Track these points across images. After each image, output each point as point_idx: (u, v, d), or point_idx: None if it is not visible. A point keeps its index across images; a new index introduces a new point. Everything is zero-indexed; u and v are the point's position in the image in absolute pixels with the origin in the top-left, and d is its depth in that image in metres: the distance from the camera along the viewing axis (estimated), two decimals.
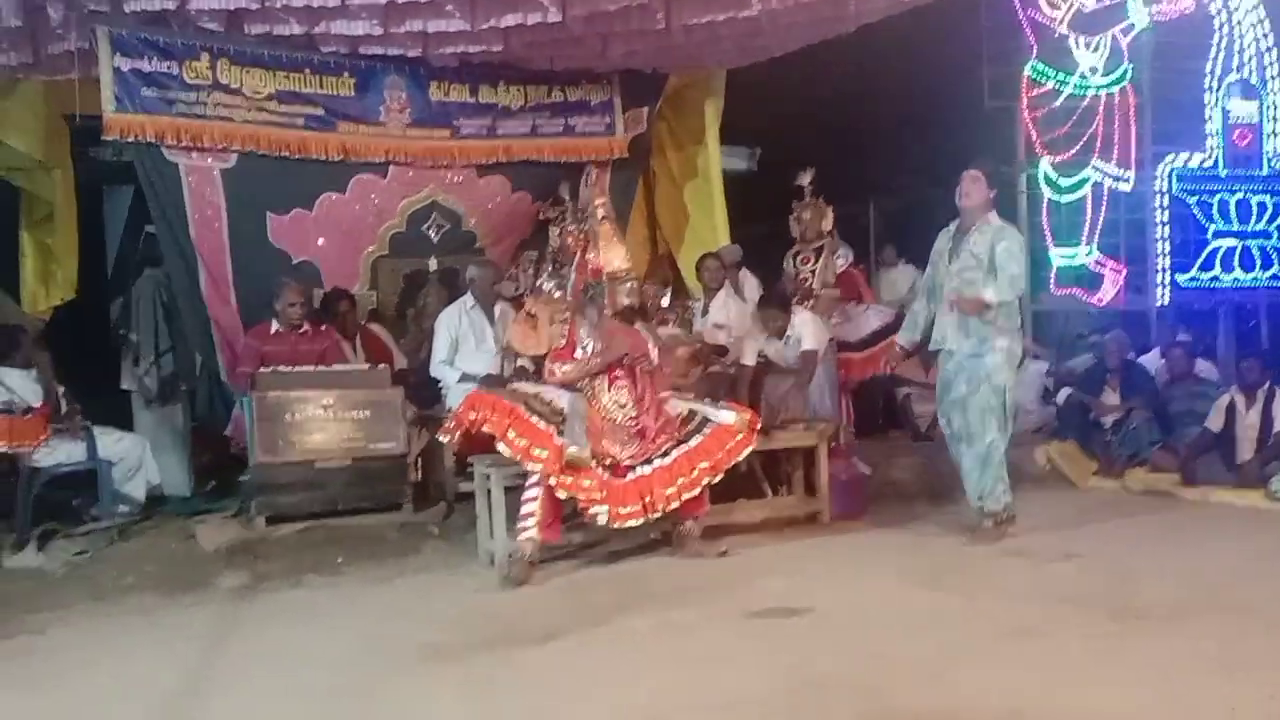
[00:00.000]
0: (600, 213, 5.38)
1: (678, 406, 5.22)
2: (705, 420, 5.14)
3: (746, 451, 5.15)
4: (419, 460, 6.14)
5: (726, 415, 5.16)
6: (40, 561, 5.15)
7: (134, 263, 7.22)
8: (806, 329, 6.44)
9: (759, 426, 5.26)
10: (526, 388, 5.14)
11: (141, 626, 4.38)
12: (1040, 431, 8.03)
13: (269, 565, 5.14)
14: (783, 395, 6.31)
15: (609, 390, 5.12)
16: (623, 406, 5.10)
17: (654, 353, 5.30)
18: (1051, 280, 9.62)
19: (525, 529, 4.84)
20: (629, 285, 5.23)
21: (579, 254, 5.48)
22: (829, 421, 6.16)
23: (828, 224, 7.34)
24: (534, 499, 4.86)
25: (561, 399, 5.01)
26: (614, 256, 5.25)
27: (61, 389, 5.89)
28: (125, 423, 6.48)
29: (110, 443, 5.86)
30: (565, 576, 4.87)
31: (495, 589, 4.77)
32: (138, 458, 5.92)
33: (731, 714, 3.09)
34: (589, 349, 5.16)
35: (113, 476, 5.79)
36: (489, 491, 5.15)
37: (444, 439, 5.22)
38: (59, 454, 5.65)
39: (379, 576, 5.05)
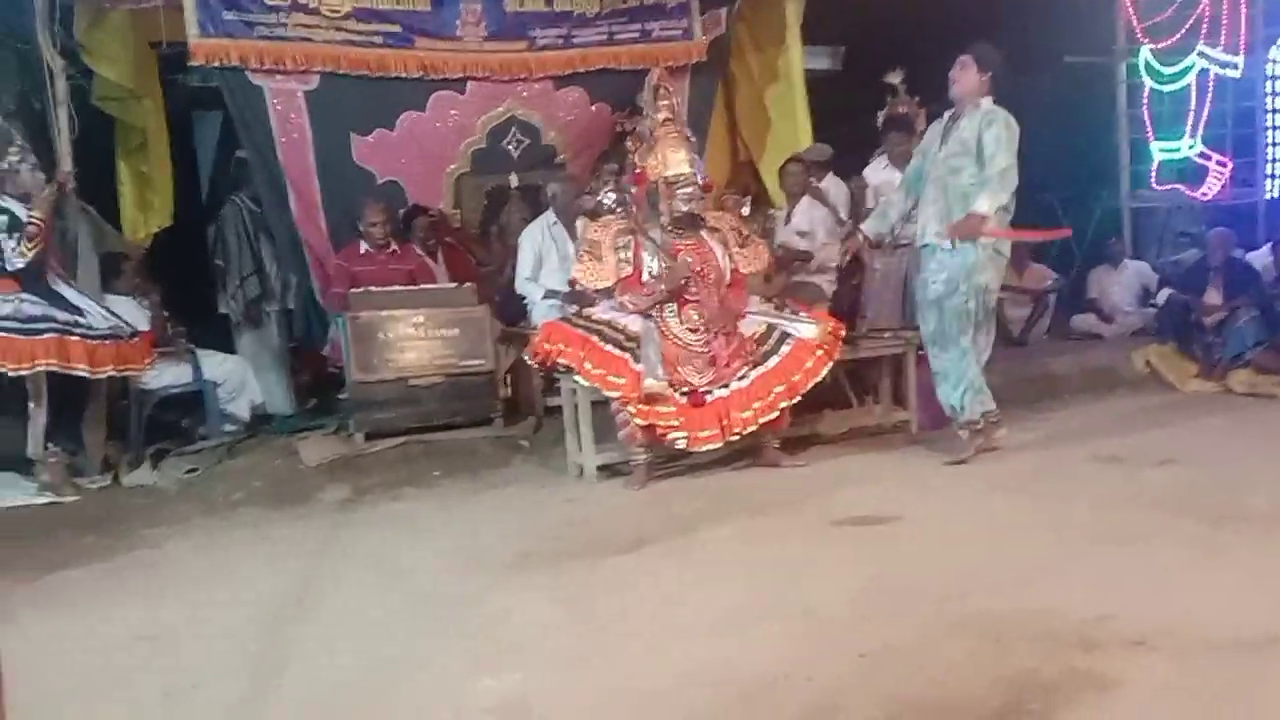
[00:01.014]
0: (661, 115, 5.25)
1: (754, 324, 5.17)
2: (784, 336, 5.09)
3: (825, 370, 5.10)
4: (508, 376, 6.26)
5: (807, 328, 5.10)
6: (154, 479, 5.43)
7: (226, 187, 7.40)
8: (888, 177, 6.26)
9: (841, 337, 5.21)
10: (600, 314, 5.16)
11: (252, 539, 4.60)
12: (1139, 334, 7.81)
13: (369, 479, 5.33)
14: (883, 302, 6.22)
15: (679, 316, 5.10)
16: (694, 332, 5.09)
17: (724, 262, 5.24)
18: (1153, 175, 9.21)
19: (631, 435, 4.94)
20: (688, 190, 5.10)
21: (637, 161, 5.41)
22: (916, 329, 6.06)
23: (921, 124, 7.10)
24: (623, 410, 4.94)
25: (635, 324, 5.03)
26: (673, 161, 5.12)
27: (166, 314, 6.13)
28: (227, 345, 6.72)
29: (214, 364, 6.10)
30: (650, 487, 4.95)
31: (584, 500, 4.89)
32: (240, 378, 6.16)
33: (816, 617, 3.13)
34: (654, 271, 5.11)
35: (218, 397, 6.04)
36: (576, 406, 5.24)
37: (530, 361, 5.31)
38: (166, 376, 5.90)
39: (472, 489, 5.22)
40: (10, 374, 5.15)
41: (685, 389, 4.97)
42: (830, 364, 5.14)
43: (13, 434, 5.50)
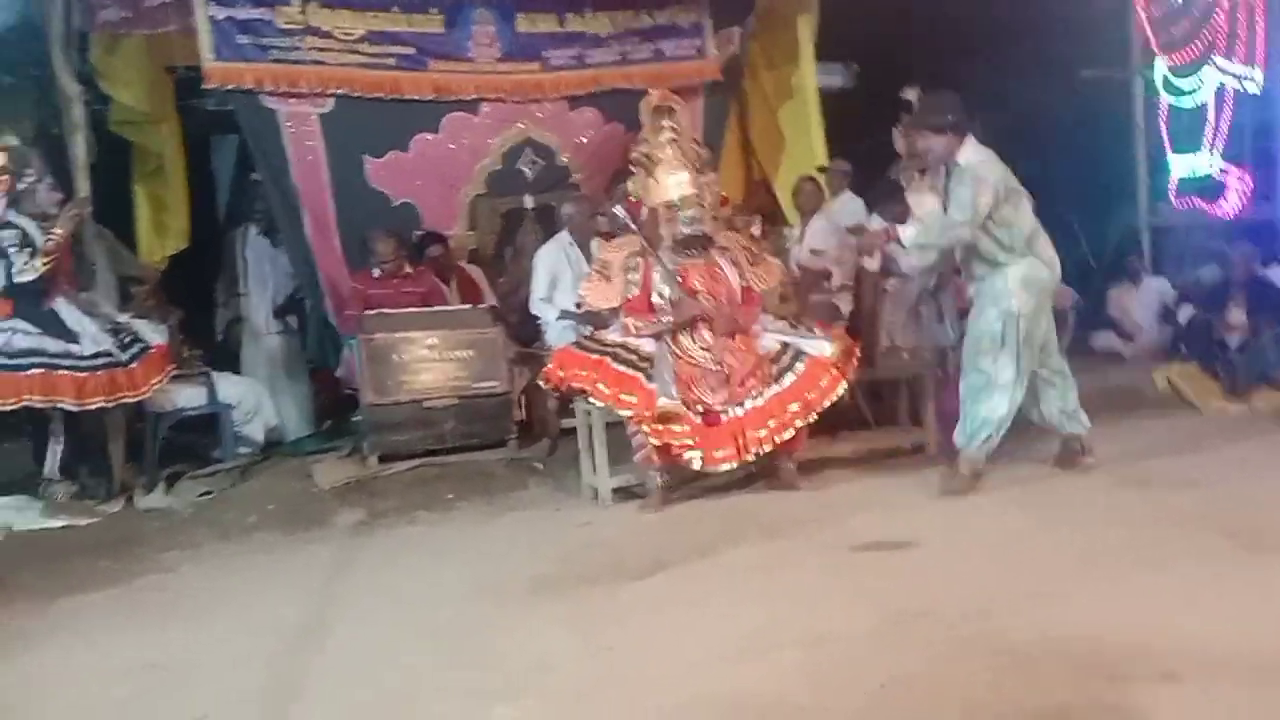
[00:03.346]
0: (664, 136, 5.21)
1: (768, 343, 5.12)
2: (799, 354, 5.04)
3: (841, 388, 5.02)
4: (522, 397, 6.23)
5: (822, 346, 5.05)
6: (168, 502, 5.42)
7: (242, 210, 7.43)
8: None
9: (857, 355, 5.15)
10: (612, 336, 5.13)
11: (265, 564, 4.58)
12: (1160, 353, 7.72)
13: (384, 502, 5.30)
14: (902, 322, 6.16)
15: (692, 336, 5.06)
16: (706, 351, 5.04)
17: (736, 281, 5.19)
18: (1171, 191, 9.13)
19: (646, 458, 4.88)
20: (690, 213, 5.06)
21: (629, 189, 5.36)
22: (937, 349, 6.00)
23: None
24: (638, 432, 4.90)
25: (648, 344, 4.99)
26: (673, 184, 5.09)
27: (182, 336, 6.13)
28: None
29: (229, 387, 6.09)
30: (666, 510, 4.89)
31: (600, 523, 4.84)
32: (255, 401, 6.15)
33: (835, 645, 3.08)
34: (665, 294, 5.08)
35: (232, 419, 6.03)
36: (590, 428, 5.20)
37: (544, 386, 5.28)
38: (181, 399, 5.90)
39: (488, 512, 5.18)
40: None
41: (700, 408, 4.92)
42: (846, 382, 5.07)
43: (25, 456, 5.52)
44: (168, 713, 2.98)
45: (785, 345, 5.09)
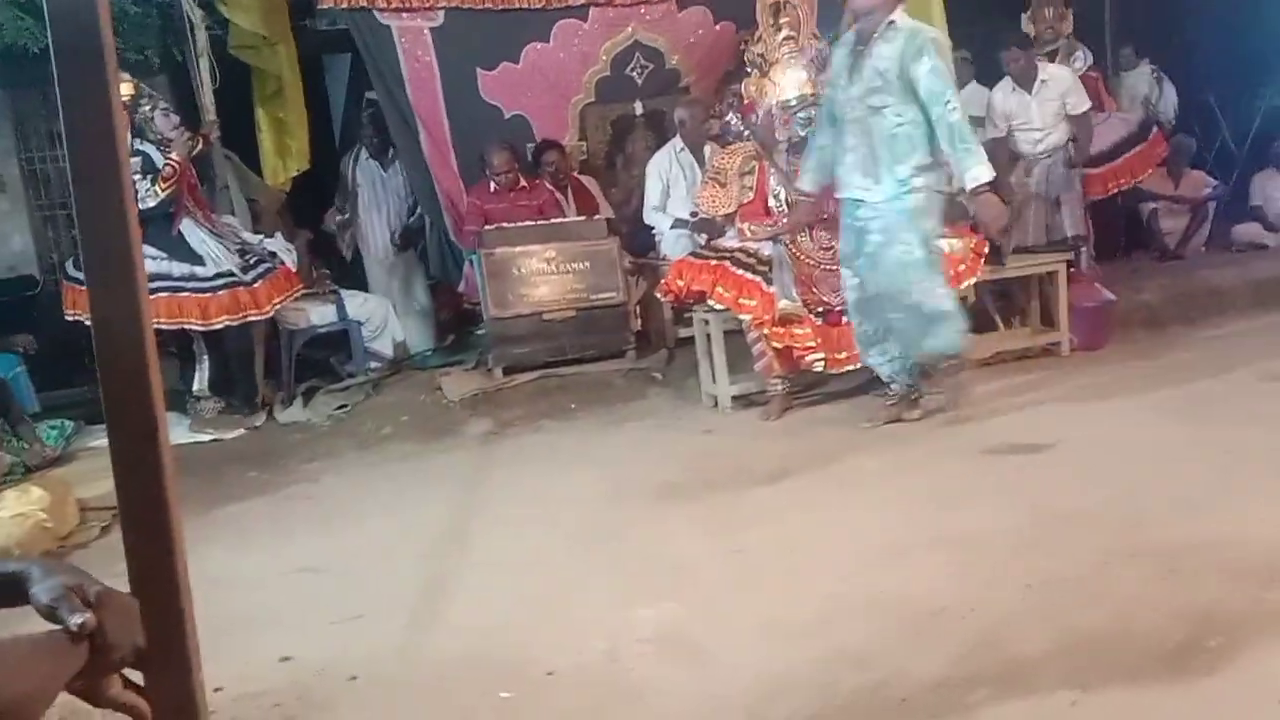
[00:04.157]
0: (781, 35, 5.05)
1: None
2: None
3: (968, 284, 4.89)
4: (638, 307, 6.25)
5: (948, 244, 4.91)
6: (307, 415, 5.64)
7: (357, 129, 7.53)
8: (1073, 88, 5.78)
9: (984, 254, 5.00)
10: (728, 243, 5.07)
11: (403, 472, 4.74)
12: None
13: (509, 412, 5.42)
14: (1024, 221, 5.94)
15: (811, 236, 4.97)
16: (827, 249, 4.95)
17: None
18: None
19: (767, 367, 4.87)
20: (808, 114, 4.90)
21: (742, 91, 5.23)
22: (1070, 242, 5.77)
23: (1068, 25, 6.70)
24: (759, 339, 4.88)
25: (766, 248, 4.93)
26: (790, 83, 4.93)
27: (310, 256, 6.30)
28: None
29: (357, 304, 6.26)
30: (786, 418, 4.89)
31: (721, 431, 4.86)
32: (383, 317, 6.32)
33: (975, 548, 3.05)
34: (780, 197, 4.97)
35: (362, 335, 6.22)
36: (709, 336, 5.19)
37: (662, 298, 5.27)
38: (312, 316, 6.09)
39: (610, 420, 5.25)
40: None
41: (820, 309, 4.86)
42: (973, 279, 4.94)
43: (171, 375, 5.79)
44: (327, 611, 3.13)
45: None
